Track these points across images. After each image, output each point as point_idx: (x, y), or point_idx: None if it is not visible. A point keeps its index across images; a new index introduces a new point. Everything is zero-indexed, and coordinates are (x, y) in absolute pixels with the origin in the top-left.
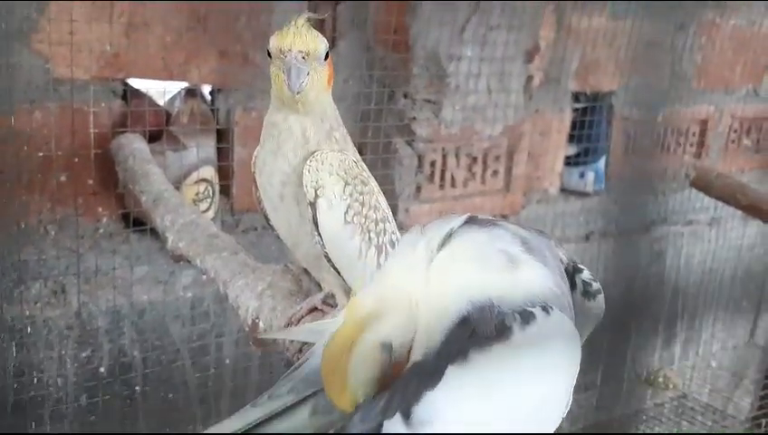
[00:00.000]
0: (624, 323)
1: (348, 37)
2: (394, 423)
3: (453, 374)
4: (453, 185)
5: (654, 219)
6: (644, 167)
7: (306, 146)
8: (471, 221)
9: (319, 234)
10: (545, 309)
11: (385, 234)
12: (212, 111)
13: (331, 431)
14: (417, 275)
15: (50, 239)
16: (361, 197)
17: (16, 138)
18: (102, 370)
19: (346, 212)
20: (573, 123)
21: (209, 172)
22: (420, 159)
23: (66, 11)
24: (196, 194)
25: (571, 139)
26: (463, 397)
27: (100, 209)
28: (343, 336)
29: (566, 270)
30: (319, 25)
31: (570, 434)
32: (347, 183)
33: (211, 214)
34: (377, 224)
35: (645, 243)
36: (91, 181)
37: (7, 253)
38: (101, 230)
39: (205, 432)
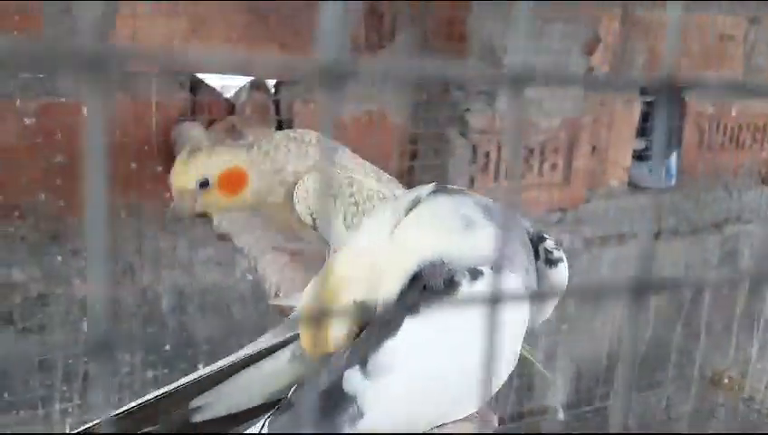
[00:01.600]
0: (694, 323)
1: (405, 31)
2: (354, 372)
3: (407, 325)
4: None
5: (726, 217)
6: (717, 163)
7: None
8: (439, 189)
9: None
10: (495, 269)
11: None
12: (274, 102)
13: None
14: (383, 238)
15: (120, 222)
16: (352, 198)
17: (84, 127)
18: (167, 347)
19: (344, 219)
20: (643, 117)
21: None
22: (474, 150)
23: (134, 8)
24: None
25: (642, 133)
26: (415, 346)
27: (168, 195)
28: (318, 294)
29: (530, 240)
30: (377, 20)
31: (639, 434)
32: (335, 197)
33: None
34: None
35: (716, 241)
36: (159, 168)
37: (80, 234)
38: (168, 214)
39: (202, 373)
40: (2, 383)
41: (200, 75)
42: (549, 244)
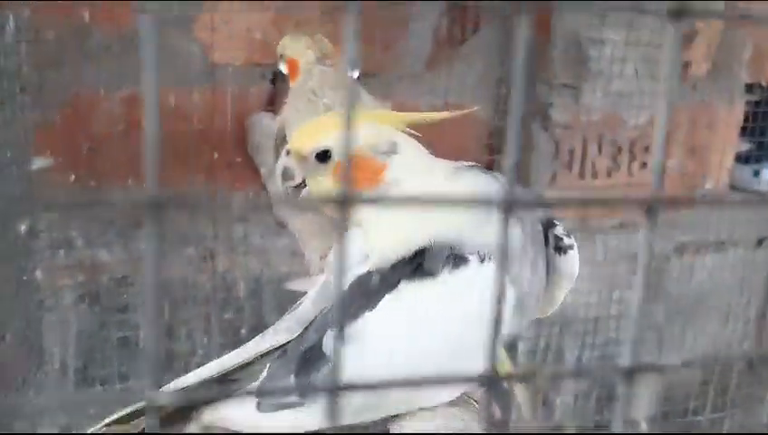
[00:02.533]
0: None
1: (491, 23)
2: (330, 336)
3: (386, 301)
4: (594, 175)
5: None
6: None
7: None
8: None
9: None
10: (482, 259)
11: None
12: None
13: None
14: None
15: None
16: None
17: (175, 117)
18: (243, 331)
19: None
20: (746, 117)
21: None
22: (557, 145)
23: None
24: None
25: (745, 133)
26: (388, 323)
27: (249, 184)
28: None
29: (541, 225)
30: (460, 12)
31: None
32: None
33: None
34: None
35: None
36: (239, 159)
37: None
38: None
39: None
40: (86, 358)
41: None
42: (559, 230)
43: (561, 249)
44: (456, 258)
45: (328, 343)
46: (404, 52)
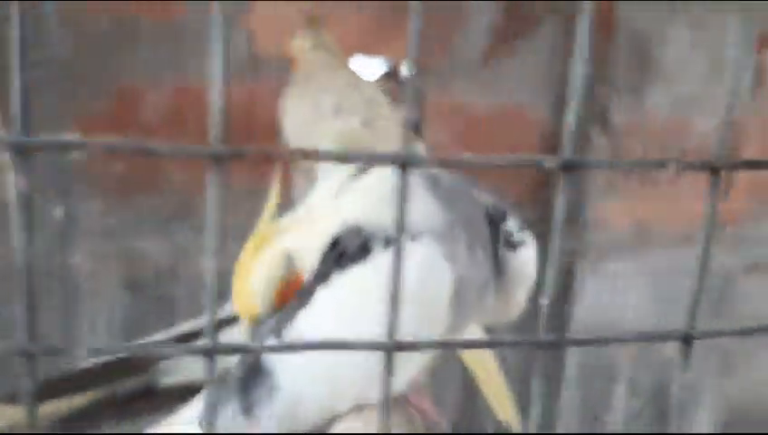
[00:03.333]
0: None
1: (551, 18)
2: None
3: (319, 295)
4: (658, 182)
5: None
6: None
7: None
8: None
9: None
10: (413, 238)
11: None
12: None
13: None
14: (326, 203)
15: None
16: None
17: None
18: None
19: None
20: None
21: None
22: (616, 150)
23: None
24: None
25: None
26: (323, 317)
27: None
28: (252, 244)
29: (491, 218)
30: (520, 7)
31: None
32: None
33: None
34: None
35: None
36: None
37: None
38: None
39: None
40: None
41: None
42: (510, 224)
43: (512, 245)
44: (388, 239)
45: (266, 355)
46: (459, 47)
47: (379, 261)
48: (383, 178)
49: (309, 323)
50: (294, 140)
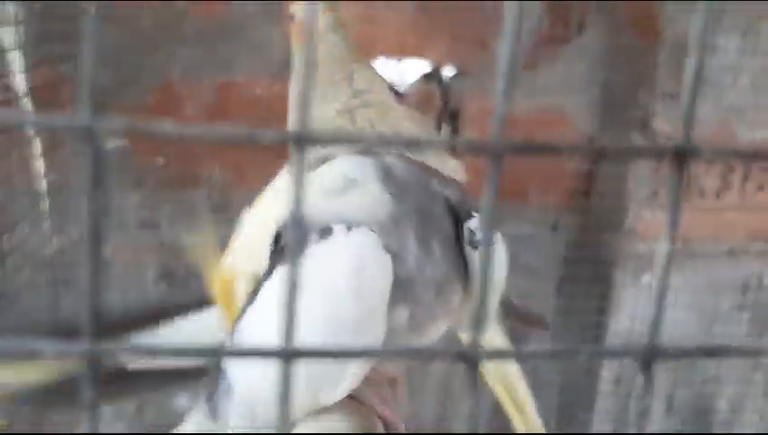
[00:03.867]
0: None
1: (596, 23)
2: (227, 345)
3: (263, 290)
4: (701, 194)
5: None
6: None
7: None
8: (360, 151)
9: None
10: (349, 228)
11: None
12: (443, 92)
13: None
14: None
15: None
16: None
17: (258, 106)
18: None
19: None
20: None
21: None
22: (660, 160)
23: None
24: None
25: None
26: (266, 313)
27: None
28: (220, 276)
29: (454, 215)
30: (564, 11)
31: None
32: None
33: None
34: None
35: None
36: None
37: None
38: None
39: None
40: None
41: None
42: (474, 223)
43: (474, 244)
44: (324, 230)
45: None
46: (501, 51)
47: (312, 253)
48: (333, 169)
49: (253, 318)
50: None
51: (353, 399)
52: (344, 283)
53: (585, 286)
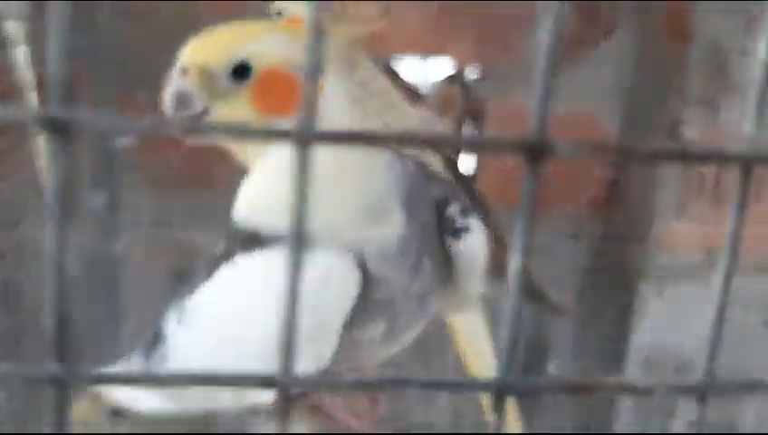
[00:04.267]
0: None
1: (628, 24)
2: (173, 314)
3: (221, 273)
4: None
5: None
6: None
7: None
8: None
9: None
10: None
11: None
12: (465, 94)
13: None
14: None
15: None
16: None
17: None
18: None
19: None
20: None
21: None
22: (689, 168)
23: None
24: None
25: None
26: (217, 299)
27: None
28: None
29: (437, 205)
30: (594, 13)
31: None
32: None
33: None
34: None
35: None
36: None
37: None
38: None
39: None
40: None
41: (398, 63)
42: (452, 210)
43: (456, 233)
44: (251, 239)
45: (168, 322)
46: (524, 53)
47: (275, 253)
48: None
49: (204, 303)
50: None
51: (320, 410)
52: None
53: (607, 298)
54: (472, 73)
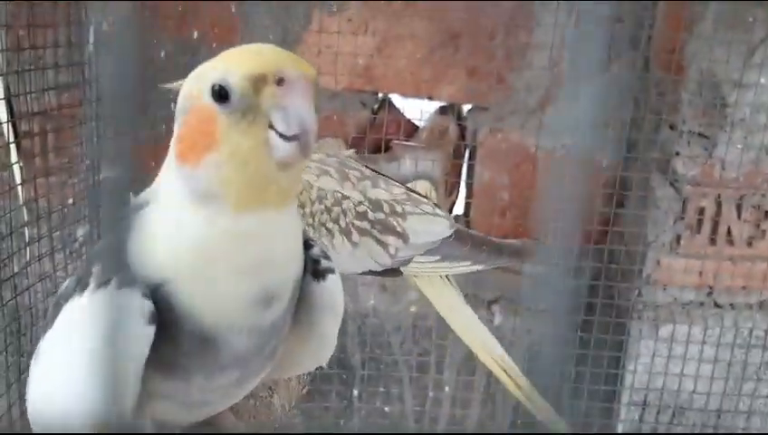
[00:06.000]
0: None
1: (624, 57)
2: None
3: (62, 314)
4: (730, 242)
5: None
6: None
7: None
8: None
9: None
10: (120, 285)
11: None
12: (460, 128)
13: None
14: None
15: None
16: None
17: None
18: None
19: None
20: None
21: (424, 186)
22: (684, 203)
23: (322, 23)
24: None
25: None
26: (55, 339)
27: None
28: None
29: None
30: None
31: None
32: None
33: None
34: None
35: None
36: None
37: None
38: None
39: None
40: None
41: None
42: (315, 252)
43: (318, 274)
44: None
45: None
46: (518, 85)
47: (85, 298)
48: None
49: (48, 337)
50: None
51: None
52: (99, 340)
53: (601, 335)
54: (465, 105)
